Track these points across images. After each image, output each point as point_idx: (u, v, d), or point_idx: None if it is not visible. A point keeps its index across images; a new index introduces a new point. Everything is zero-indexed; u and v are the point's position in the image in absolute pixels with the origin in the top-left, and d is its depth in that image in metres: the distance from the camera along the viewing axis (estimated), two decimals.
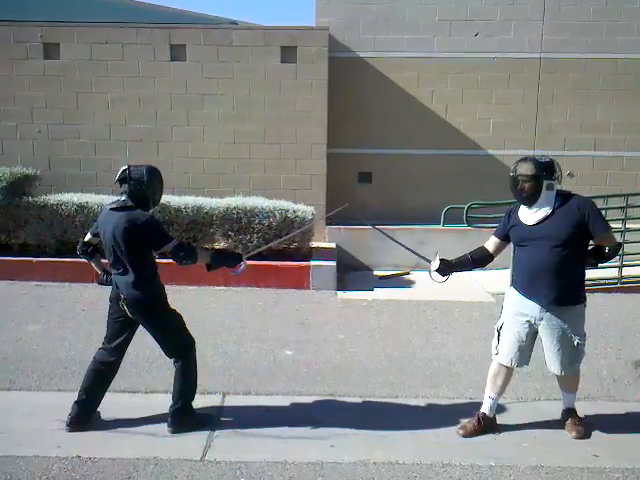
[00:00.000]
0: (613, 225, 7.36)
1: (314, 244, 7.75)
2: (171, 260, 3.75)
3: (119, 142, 8.13)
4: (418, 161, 8.63)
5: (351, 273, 7.91)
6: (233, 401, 4.25)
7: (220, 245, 7.34)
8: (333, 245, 8.03)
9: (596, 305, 6.64)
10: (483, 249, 3.94)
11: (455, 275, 4.00)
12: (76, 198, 7.18)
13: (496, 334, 3.84)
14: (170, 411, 3.80)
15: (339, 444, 3.70)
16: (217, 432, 3.81)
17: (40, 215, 7.03)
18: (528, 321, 3.69)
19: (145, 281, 3.67)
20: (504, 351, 3.77)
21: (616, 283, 7.12)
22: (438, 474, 3.43)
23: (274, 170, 8.17)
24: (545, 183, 3.52)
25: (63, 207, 7.04)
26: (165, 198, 7.21)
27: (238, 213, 7.08)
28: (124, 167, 3.66)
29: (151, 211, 3.73)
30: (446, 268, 3.92)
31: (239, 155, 8.16)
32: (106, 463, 3.42)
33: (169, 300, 3.87)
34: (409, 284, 7.62)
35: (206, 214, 7.05)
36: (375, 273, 8.03)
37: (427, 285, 7.61)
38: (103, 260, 3.98)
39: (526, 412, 4.16)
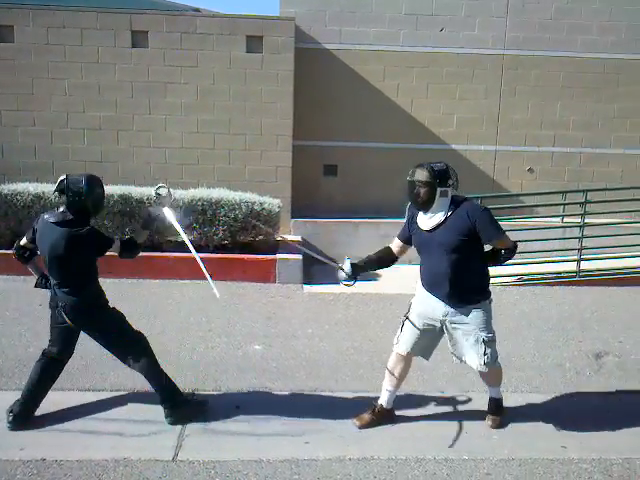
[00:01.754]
0: (572, 220, 7.69)
1: (279, 237, 7.67)
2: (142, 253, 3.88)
3: (77, 130, 7.84)
4: (384, 154, 8.64)
5: (316, 266, 7.86)
6: (203, 398, 4.16)
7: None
8: (299, 238, 7.97)
9: (556, 298, 6.84)
10: (388, 250, 3.97)
11: (418, 269, 3.94)
12: (32, 188, 6.89)
13: (400, 324, 3.90)
14: (164, 408, 3.77)
15: (313, 440, 3.67)
16: (187, 430, 3.72)
17: None
18: (432, 318, 3.76)
19: (83, 288, 3.63)
20: (403, 341, 3.84)
21: (575, 276, 7.31)
22: (413, 469, 3.44)
23: (239, 161, 8.05)
24: (439, 190, 3.55)
25: (18, 197, 6.75)
26: (126, 189, 7.04)
27: (203, 205, 6.94)
28: (62, 177, 3.55)
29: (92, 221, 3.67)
30: (355, 271, 3.88)
31: (203, 145, 8.00)
32: (73, 465, 3.29)
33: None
34: (375, 277, 7.62)
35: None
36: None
37: (392, 279, 7.71)
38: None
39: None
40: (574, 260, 7.35)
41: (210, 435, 3.68)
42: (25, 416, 3.67)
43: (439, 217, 3.61)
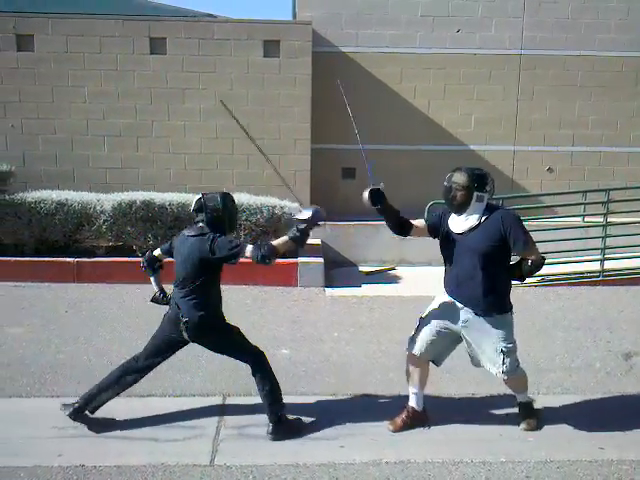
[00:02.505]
0: (594, 219, 7.64)
1: None
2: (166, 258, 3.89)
3: (97, 137, 7.89)
4: (401, 156, 8.62)
5: (337, 270, 7.87)
6: (235, 402, 4.16)
7: None
8: (318, 241, 7.96)
9: (581, 298, 6.79)
10: (410, 222, 3.89)
11: (440, 271, 3.92)
12: (55, 195, 6.93)
13: (416, 325, 3.90)
14: (270, 422, 3.72)
15: (348, 444, 3.66)
16: (222, 435, 3.72)
17: (17, 213, 6.77)
18: (452, 323, 3.74)
19: (208, 303, 3.68)
20: (418, 342, 3.84)
21: (598, 276, 7.25)
22: (451, 472, 3.42)
23: (258, 166, 8.06)
24: (475, 195, 3.57)
25: (42, 205, 6.79)
26: (148, 195, 7.07)
27: None
28: (198, 196, 3.70)
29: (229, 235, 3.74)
30: (379, 199, 3.81)
31: (221, 150, 8.03)
32: (112, 471, 3.30)
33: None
34: (396, 280, 7.62)
35: (191, 211, 6.88)
36: (360, 269, 8.00)
37: (413, 281, 7.69)
38: None
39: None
40: (597, 260, 7.30)
41: (245, 440, 3.68)
42: (82, 411, 3.70)
43: (473, 221, 3.62)
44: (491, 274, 3.59)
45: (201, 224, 3.66)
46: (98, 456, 3.43)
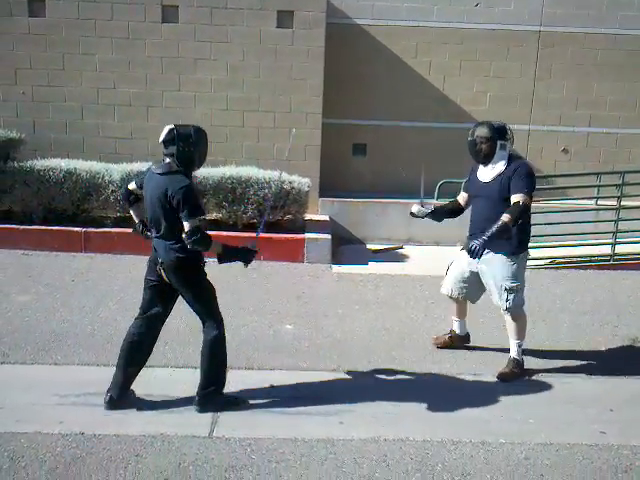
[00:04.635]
0: (607, 202, 7.51)
1: (307, 216, 7.62)
2: None
3: (107, 106, 7.82)
4: (414, 133, 8.49)
5: (344, 247, 7.82)
6: (236, 375, 4.16)
7: (213, 216, 7.18)
8: (327, 218, 7.92)
9: (590, 282, 6.71)
10: (456, 202, 4.58)
11: (448, 251, 4.21)
12: (64, 164, 6.91)
13: (446, 270, 4.55)
14: (199, 393, 3.66)
15: (347, 421, 3.66)
16: None
17: (26, 181, 6.76)
18: (471, 263, 4.23)
19: (184, 246, 3.48)
20: (446, 283, 4.52)
21: (609, 260, 7.15)
22: (450, 451, 3.41)
23: (267, 139, 7.97)
24: (499, 143, 4.03)
25: (50, 173, 6.77)
26: None
27: (232, 183, 6.91)
28: (170, 127, 3.49)
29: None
30: (429, 214, 4.49)
31: (232, 123, 7.93)
32: (111, 440, 3.33)
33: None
34: (403, 258, 7.57)
35: (199, 183, 6.85)
36: (368, 247, 7.95)
37: (421, 260, 7.64)
38: None
39: (527, 390, 4.17)
40: (609, 243, 7.19)
41: (245, 413, 3.69)
42: (120, 397, 3.65)
43: (500, 168, 4.06)
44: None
45: (169, 160, 3.46)
46: (98, 425, 3.46)
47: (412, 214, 4.44)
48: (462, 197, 4.50)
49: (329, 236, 7.14)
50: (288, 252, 6.89)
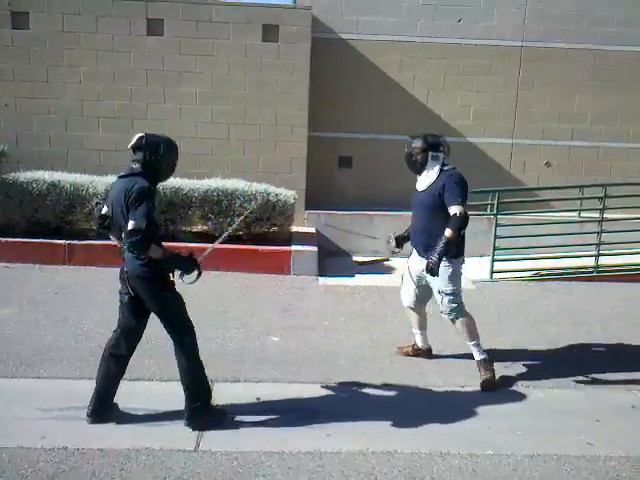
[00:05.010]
0: (590, 215, 7.60)
1: (293, 229, 7.62)
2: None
3: (91, 118, 7.79)
4: (399, 147, 8.36)
5: (330, 259, 7.82)
6: (222, 388, 4.12)
7: (198, 228, 7.16)
8: (313, 230, 7.92)
9: (575, 293, 6.77)
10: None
11: None
12: (47, 176, 6.86)
13: (400, 281, 4.81)
14: (187, 409, 3.58)
15: (335, 433, 3.63)
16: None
17: (9, 193, 6.69)
18: (419, 270, 4.41)
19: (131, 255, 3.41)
20: (402, 295, 4.73)
21: (593, 272, 7.23)
22: (438, 463, 3.39)
23: (253, 152, 7.98)
24: (430, 154, 4.27)
25: (34, 185, 6.71)
26: None
27: (218, 195, 6.89)
28: (140, 134, 3.46)
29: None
30: (399, 243, 4.63)
31: (217, 135, 7.94)
32: (95, 454, 3.26)
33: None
34: (389, 270, 7.58)
35: (185, 196, 6.83)
36: (354, 259, 7.96)
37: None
38: None
39: (514, 401, 4.17)
40: (592, 255, 7.27)
41: (231, 426, 3.64)
42: (102, 410, 3.59)
43: (432, 177, 4.27)
44: (436, 224, 4.15)
45: (135, 165, 3.42)
46: (81, 439, 3.40)
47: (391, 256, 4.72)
48: None
49: (315, 248, 7.14)
50: (274, 264, 6.87)
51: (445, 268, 4.23)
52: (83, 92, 7.73)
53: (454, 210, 4.10)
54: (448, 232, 4.03)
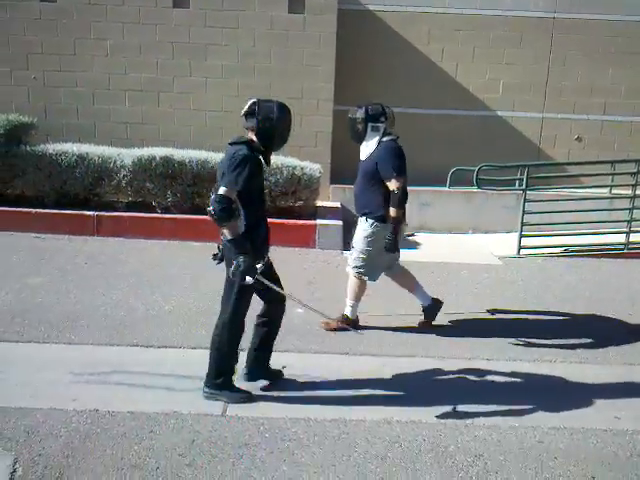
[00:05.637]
0: (622, 191, 7.44)
1: (319, 203, 7.60)
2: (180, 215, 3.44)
3: (118, 91, 7.82)
4: (426, 121, 8.42)
5: None
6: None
7: None
8: (338, 204, 7.89)
9: (604, 270, 6.66)
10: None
11: (460, 238, 4.15)
12: (76, 148, 6.92)
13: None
14: (206, 381, 3.58)
15: (360, 402, 3.65)
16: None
17: (38, 165, 6.78)
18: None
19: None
20: None
21: (623, 249, 7.09)
22: (462, 433, 3.40)
23: None
24: (370, 125, 4.41)
25: (62, 157, 6.78)
26: (168, 151, 7.03)
27: None
28: (252, 99, 3.44)
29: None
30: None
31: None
32: (125, 416, 3.34)
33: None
34: (414, 245, 7.53)
35: (211, 169, 6.83)
36: None
37: (432, 247, 7.60)
38: None
39: (542, 374, 4.15)
40: (623, 232, 7.12)
41: (257, 393, 3.69)
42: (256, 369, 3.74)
43: (371, 147, 4.44)
44: (371, 189, 4.42)
45: (249, 133, 3.38)
46: (112, 402, 3.48)
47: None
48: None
49: (340, 222, 7.12)
50: (299, 238, 6.88)
51: (367, 228, 4.49)
52: (110, 65, 7.75)
53: (392, 186, 4.34)
54: (393, 212, 4.35)
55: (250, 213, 3.43)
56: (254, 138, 3.41)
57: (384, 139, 4.43)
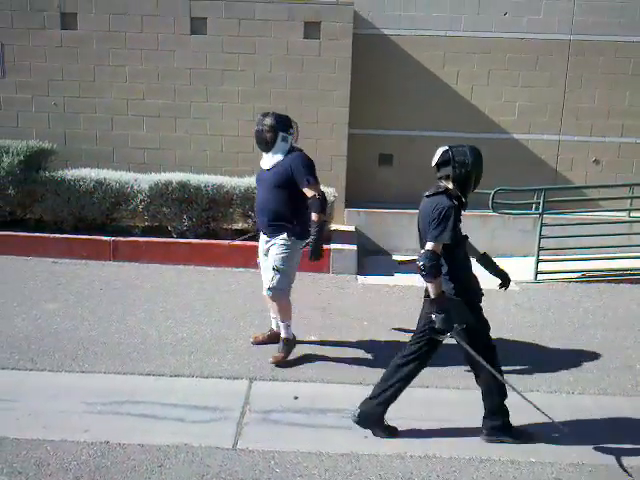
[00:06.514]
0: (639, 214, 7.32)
1: (333, 227, 7.60)
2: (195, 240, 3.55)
3: (136, 117, 7.93)
4: (441, 143, 8.35)
5: (370, 257, 7.77)
6: (260, 387, 4.15)
7: (239, 226, 7.21)
8: (352, 228, 7.88)
9: (623, 296, 6.53)
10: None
11: (475, 262, 3.91)
12: (94, 174, 7.02)
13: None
14: (487, 425, 3.59)
15: (373, 435, 3.60)
16: (246, 419, 3.71)
17: (57, 190, 6.88)
18: (263, 250, 4.51)
19: (453, 276, 3.44)
20: (264, 282, 4.54)
21: None
22: (478, 469, 3.33)
23: None
24: (280, 134, 4.29)
25: (81, 183, 6.88)
26: (184, 176, 7.10)
27: None
28: (444, 148, 3.44)
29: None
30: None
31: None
32: (135, 449, 3.33)
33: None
34: None
35: (226, 193, 6.89)
36: (394, 258, 7.88)
37: None
38: None
39: (561, 405, 4.05)
40: None
41: (269, 425, 3.66)
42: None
43: (278, 158, 4.32)
44: (281, 203, 4.27)
45: (443, 182, 3.39)
46: (123, 433, 3.47)
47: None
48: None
49: (355, 247, 7.10)
50: (314, 262, 6.84)
51: (285, 245, 4.36)
52: (128, 91, 7.87)
53: (310, 192, 4.29)
54: (315, 217, 4.31)
55: (457, 257, 3.48)
56: (450, 186, 3.41)
57: (293, 152, 4.36)
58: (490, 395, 3.59)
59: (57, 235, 6.89)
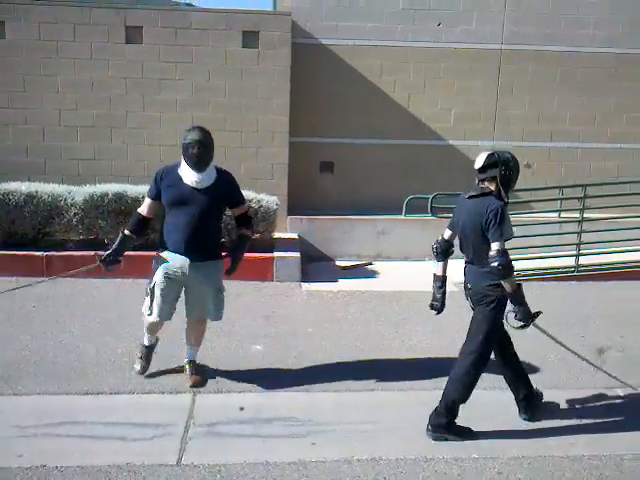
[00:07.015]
0: (570, 215, 7.66)
1: (276, 235, 7.58)
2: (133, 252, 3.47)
3: (70, 128, 7.68)
4: (380, 151, 8.55)
5: (313, 264, 7.79)
6: (205, 400, 4.08)
7: None
8: (295, 236, 7.88)
9: (555, 294, 6.79)
10: (137, 214, 4.33)
11: (418, 266, 4.14)
12: (24, 187, 6.73)
13: (150, 294, 4.15)
14: (434, 421, 3.69)
15: (320, 442, 3.60)
16: (191, 433, 3.64)
17: None
18: (178, 276, 4.07)
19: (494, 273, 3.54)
20: (161, 307, 4.11)
21: (573, 271, 7.27)
22: (424, 469, 3.38)
23: (235, 159, 7.89)
24: (211, 154, 4.01)
25: (10, 197, 6.58)
26: (121, 187, 6.92)
27: None
28: (488, 152, 3.64)
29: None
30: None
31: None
32: (75, 472, 3.20)
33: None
34: (373, 274, 7.57)
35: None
36: (337, 264, 7.93)
37: (391, 276, 7.64)
38: None
39: (498, 403, 4.17)
40: (572, 255, 7.31)
41: (214, 438, 3.60)
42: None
43: (211, 177, 4.02)
44: (213, 226, 4.09)
45: (486, 183, 3.58)
46: (60, 456, 3.33)
47: None
48: (146, 205, 4.29)
49: (298, 254, 7.10)
50: (257, 271, 6.81)
51: (220, 270, 4.24)
52: (61, 101, 7.62)
53: (242, 210, 4.30)
54: (247, 231, 4.34)
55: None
56: (492, 187, 3.59)
57: (221, 171, 4.16)
58: (459, 384, 3.69)
59: None
